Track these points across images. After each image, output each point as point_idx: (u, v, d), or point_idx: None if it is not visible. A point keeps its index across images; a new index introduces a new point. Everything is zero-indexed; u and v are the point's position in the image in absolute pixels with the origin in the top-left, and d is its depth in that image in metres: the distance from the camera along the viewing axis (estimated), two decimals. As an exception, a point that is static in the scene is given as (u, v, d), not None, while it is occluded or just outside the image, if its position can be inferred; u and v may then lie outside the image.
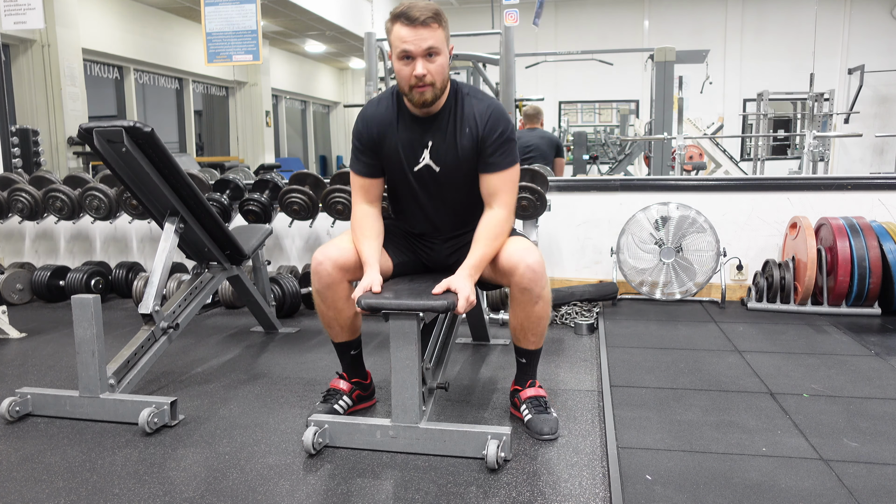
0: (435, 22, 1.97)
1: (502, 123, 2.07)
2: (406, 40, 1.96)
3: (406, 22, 1.96)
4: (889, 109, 12.04)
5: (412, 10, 1.95)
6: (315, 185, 3.88)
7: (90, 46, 7.63)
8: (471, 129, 2.07)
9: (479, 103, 2.09)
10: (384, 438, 1.96)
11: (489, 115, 2.07)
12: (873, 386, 2.49)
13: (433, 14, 1.97)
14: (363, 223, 2.14)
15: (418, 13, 1.95)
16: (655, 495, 1.71)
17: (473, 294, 1.96)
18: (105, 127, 2.35)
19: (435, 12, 1.98)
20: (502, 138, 2.07)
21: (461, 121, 2.08)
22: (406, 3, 1.98)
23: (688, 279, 3.91)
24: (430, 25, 1.96)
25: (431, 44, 1.96)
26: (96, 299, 2.23)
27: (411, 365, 1.91)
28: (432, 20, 1.96)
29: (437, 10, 1.98)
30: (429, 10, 1.96)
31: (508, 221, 2.10)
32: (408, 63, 1.98)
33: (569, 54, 9.04)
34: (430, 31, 1.96)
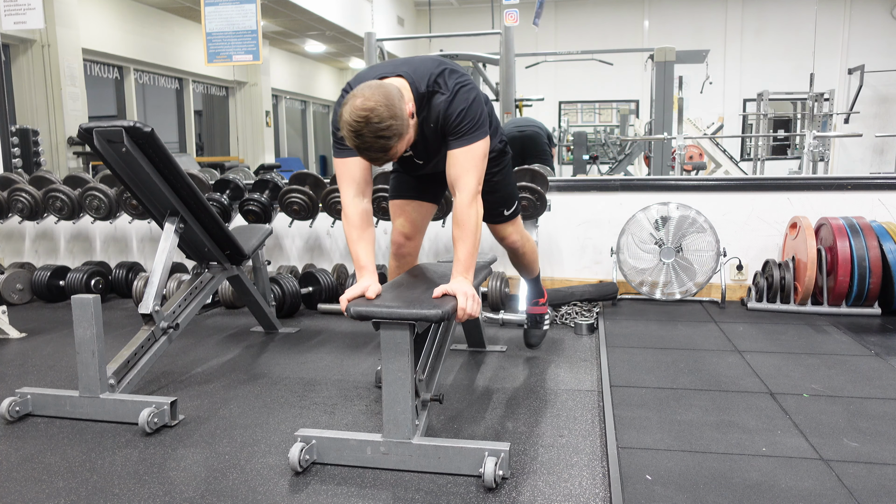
0: (392, 150, 1.86)
1: (461, 100, 2.02)
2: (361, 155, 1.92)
3: (366, 159, 1.91)
4: (889, 109, 12.04)
5: (370, 157, 1.87)
6: (315, 185, 3.88)
7: (90, 46, 7.63)
8: (435, 123, 2.05)
9: (440, 96, 2.02)
10: (375, 455, 1.88)
11: (451, 100, 2.01)
12: (873, 386, 2.49)
13: (386, 150, 1.85)
14: (357, 225, 2.09)
15: (377, 160, 1.89)
16: (655, 495, 1.71)
17: (476, 296, 1.93)
18: (105, 127, 2.35)
19: (387, 148, 1.84)
20: (462, 112, 2.01)
21: (434, 121, 2.05)
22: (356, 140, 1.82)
23: (688, 279, 3.91)
24: (389, 155, 1.88)
25: (396, 155, 1.91)
26: (96, 299, 2.23)
27: (403, 377, 1.83)
28: (389, 153, 1.87)
29: (387, 144, 1.83)
30: (382, 150, 1.84)
31: (473, 205, 2.03)
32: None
33: (569, 54, 9.04)
34: (390, 155, 1.88)
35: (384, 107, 1.79)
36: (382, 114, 1.79)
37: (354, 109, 1.79)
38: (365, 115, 1.78)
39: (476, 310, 1.93)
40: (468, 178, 2.03)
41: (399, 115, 1.83)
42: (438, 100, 2.03)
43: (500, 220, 2.57)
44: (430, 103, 2.03)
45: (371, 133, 1.79)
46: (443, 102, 2.02)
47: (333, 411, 2.34)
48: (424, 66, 2.06)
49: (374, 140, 1.81)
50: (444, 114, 2.02)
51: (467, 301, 1.90)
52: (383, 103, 1.80)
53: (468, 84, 2.06)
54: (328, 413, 2.32)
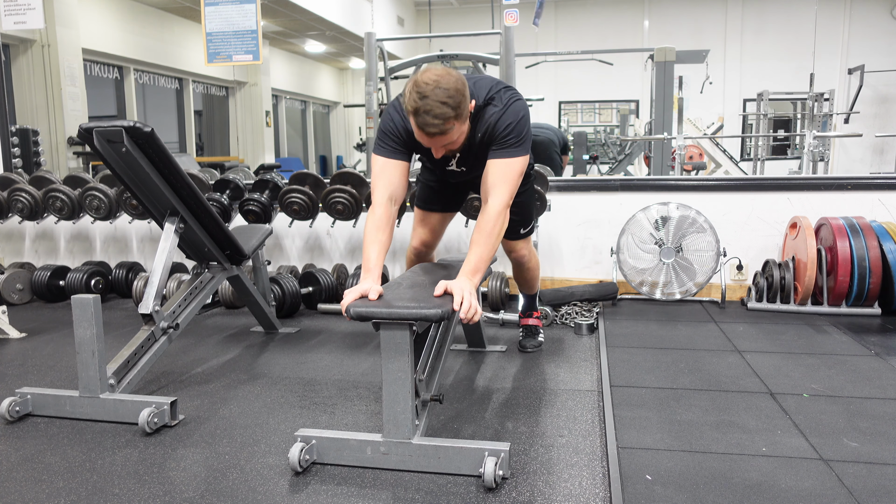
0: (450, 126, 1.95)
1: (512, 114, 2.12)
2: (421, 139, 2.02)
3: (421, 130, 1.97)
4: (889, 109, 12.04)
5: (425, 122, 1.92)
6: (315, 185, 3.88)
7: (90, 46, 7.63)
8: (482, 133, 2.16)
9: (494, 108, 2.13)
10: (375, 455, 1.88)
11: (503, 113, 2.12)
12: (873, 386, 2.49)
13: (448, 119, 1.93)
14: (380, 228, 2.10)
15: (432, 128, 1.93)
16: (655, 495, 1.71)
17: (474, 295, 1.92)
18: (105, 127, 2.35)
19: (451, 117, 1.93)
20: (511, 126, 2.11)
21: (482, 132, 2.15)
22: (419, 103, 1.90)
23: (688, 279, 3.91)
24: (445, 133, 1.96)
25: (446, 142, 2.01)
26: (96, 299, 2.23)
27: (403, 377, 1.83)
28: (447, 128, 1.95)
29: (452, 114, 1.93)
30: (444, 117, 1.92)
31: (502, 217, 2.09)
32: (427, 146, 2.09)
33: (569, 54, 9.04)
34: (447, 137, 1.97)
35: (455, 80, 1.91)
36: (452, 84, 1.89)
37: (426, 74, 1.91)
38: (436, 79, 1.89)
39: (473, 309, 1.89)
40: (503, 190, 2.10)
41: (465, 97, 1.94)
42: (491, 112, 2.13)
43: (516, 237, 2.70)
44: (482, 114, 2.14)
45: (437, 98, 1.87)
46: (495, 114, 2.12)
47: (333, 411, 2.34)
48: (483, 82, 2.18)
49: (436, 105, 1.87)
50: (494, 124, 2.12)
51: (463, 297, 1.87)
52: (455, 78, 1.92)
53: (520, 100, 2.17)
54: (328, 413, 2.32)
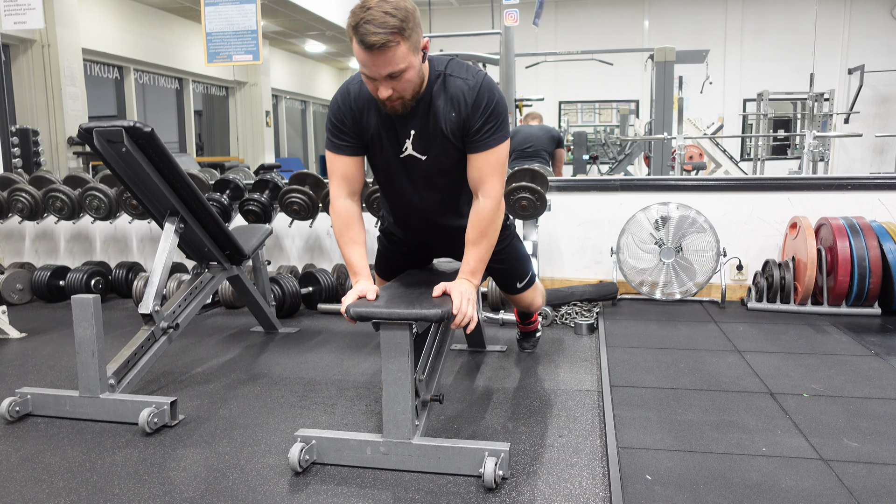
0: (394, 41, 1.69)
1: (487, 94, 1.88)
2: (364, 63, 1.74)
3: (361, 45, 1.70)
4: (889, 109, 12.04)
5: (367, 32, 1.67)
6: (315, 185, 3.88)
7: (90, 46, 7.63)
8: (457, 113, 1.90)
9: (463, 83, 1.89)
10: (375, 455, 1.88)
11: (476, 91, 1.88)
12: (873, 386, 2.49)
13: (392, 31, 1.68)
14: (349, 225, 2.02)
15: (374, 37, 1.67)
16: (655, 495, 1.71)
17: (473, 300, 1.90)
18: (105, 127, 2.35)
19: (395, 28, 1.68)
20: (488, 111, 1.88)
21: (447, 105, 1.89)
22: (362, 14, 1.68)
23: (688, 279, 3.91)
24: (389, 48, 1.69)
25: (392, 68, 1.73)
26: (96, 299, 2.23)
27: (403, 377, 1.83)
28: (391, 41, 1.68)
29: (397, 25, 1.68)
30: (387, 27, 1.67)
31: (497, 211, 1.96)
32: (370, 81, 1.80)
33: (569, 54, 9.04)
34: (390, 53, 1.70)
35: (405, 2, 1.73)
36: (400, 2, 1.71)
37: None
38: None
39: (472, 313, 1.88)
40: (493, 183, 1.94)
41: (416, 20, 1.74)
42: (458, 83, 1.89)
43: (514, 291, 2.54)
44: (447, 84, 1.89)
45: (381, 8, 1.67)
46: (468, 89, 1.88)
47: (333, 411, 2.34)
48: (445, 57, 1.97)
49: (380, 14, 1.66)
50: (471, 102, 1.88)
51: (462, 301, 1.85)
52: (405, 6, 1.72)
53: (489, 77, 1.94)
54: (328, 413, 2.32)
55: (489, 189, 1.94)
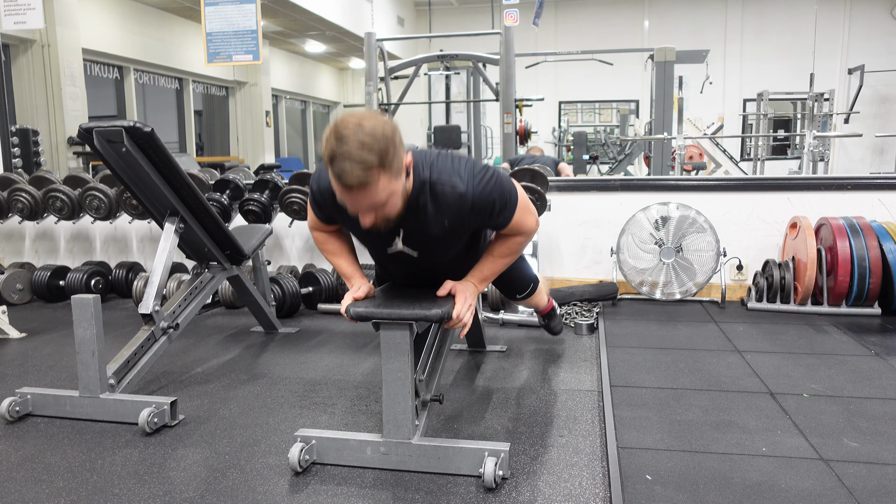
0: (374, 177, 1.54)
1: (479, 198, 1.74)
2: (342, 199, 1.62)
3: (337, 182, 1.57)
4: (889, 109, 12.04)
5: (343, 171, 1.53)
6: (315, 185, 3.87)
7: (90, 46, 7.63)
8: (449, 219, 1.77)
9: (451, 190, 1.72)
10: (375, 455, 1.88)
11: (466, 199, 1.73)
12: (873, 386, 2.49)
13: (370, 168, 1.52)
14: (329, 240, 2.01)
15: (351, 177, 1.53)
16: (655, 495, 1.71)
17: (473, 307, 1.89)
18: (105, 127, 2.35)
19: (373, 164, 1.52)
20: (487, 209, 1.77)
21: (436, 211, 1.76)
22: (336, 149, 1.52)
23: (688, 279, 3.91)
24: (368, 186, 1.55)
25: (372, 202, 1.59)
26: (96, 299, 2.23)
27: (403, 377, 1.83)
28: (370, 179, 1.54)
29: (374, 161, 1.52)
30: (364, 164, 1.51)
31: (527, 240, 1.96)
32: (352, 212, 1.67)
33: (569, 54, 9.04)
34: (370, 190, 1.56)
35: (382, 124, 1.56)
36: (379, 128, 1.54)
37: (346, 117, 1.56)
38: (359, 121, 1.54)
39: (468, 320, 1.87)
40: (527, 224, 1.90)
41: (396, 146, 1.56)
42: (445, 192, 1.73)
43: (515, 299, 2.55)
44: (432, 193, 1.74)
45: (357, 139, 1.51)
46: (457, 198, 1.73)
47: (333, 411, 2.34)
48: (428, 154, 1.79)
49: (357, 147, 1.51)
50: (462, 209, 1.75)
51: (463, 307, 1.84)
52: (383, 122, 1.57)
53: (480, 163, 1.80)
54: (328, 413, 2.32)
55: (527, 229, 1.91)
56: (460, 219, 1.78)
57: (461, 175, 1.73)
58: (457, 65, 7.42)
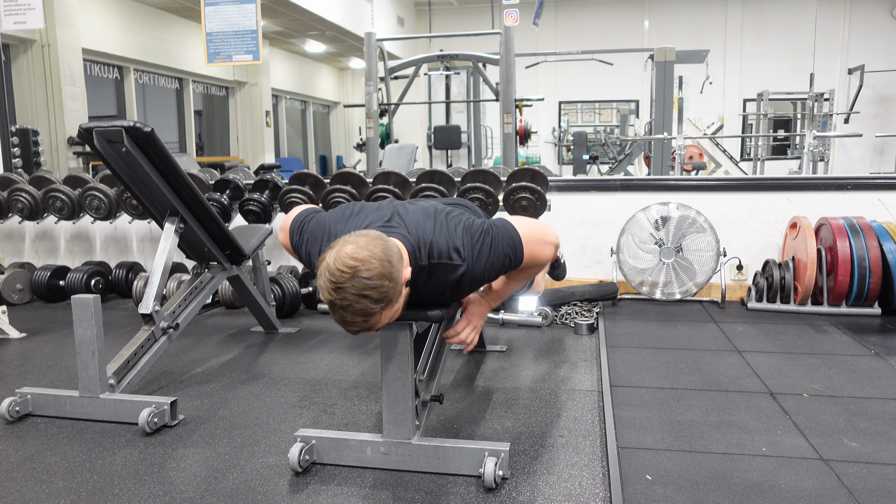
0: (374, 320, 1.54)
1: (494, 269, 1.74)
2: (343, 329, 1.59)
3: (340, 324, 1.56)
4: (889, 109, 12.05)
5: (344, 321, 1.53)
6: (315, 185, 3.88)
7: (90, 46, 7.63)
8: (452, 291, 1.77)
9: (450, 268, 1.70)
10: (375, 455, 1.88)
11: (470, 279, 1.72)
12: (873, 386, 2.49)
13: (369, 315, 1.51)
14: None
15: (353, 326, 1.54)
16: (655, 495, 1.71)
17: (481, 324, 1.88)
18: (105, 127, 2.35)
19: (371, 313, 1.51)
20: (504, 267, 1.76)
21: (436, 287, 1.75)
22: (335, 296, 1.49)
23: (688, 279, 3.91)
24: (371, 328, 1.56)
25: (372, 330, 1.59)
26: (96, 299, 2.23)
27: (403, 377, 1.83)
28: (369, 325, 1.54)
29: (376, 310, 1.51)
30: (366, 314, 1.51)
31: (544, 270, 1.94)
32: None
33: (569, 54, 9.05)
34: (370, 326, 1.56)
35: (379, 262, 1.49)
36: (375, 269, 1.48)
37: (342, 257, 1.48)
38: (354, 265, 1.46)
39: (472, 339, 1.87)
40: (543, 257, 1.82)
41: (395, 279, 1.52)
42: (445, 270, 1.71)
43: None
44: (431, 273, 1.72)
45: (355, 289, 1.47)
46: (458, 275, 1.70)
47: (333, 411, 2.34)
48: (423, 228, 1.70)
49: (356, 298, 1.47)
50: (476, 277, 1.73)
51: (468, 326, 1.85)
52: (379, 257, 1.49)
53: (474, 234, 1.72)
54: (328, 413, 2.32)
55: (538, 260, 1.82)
56: (460, 288, 1.76)
57: (459, 249, 1.69)
58: (457, 65, 7.42)
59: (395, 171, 3.76)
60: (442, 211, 1.78)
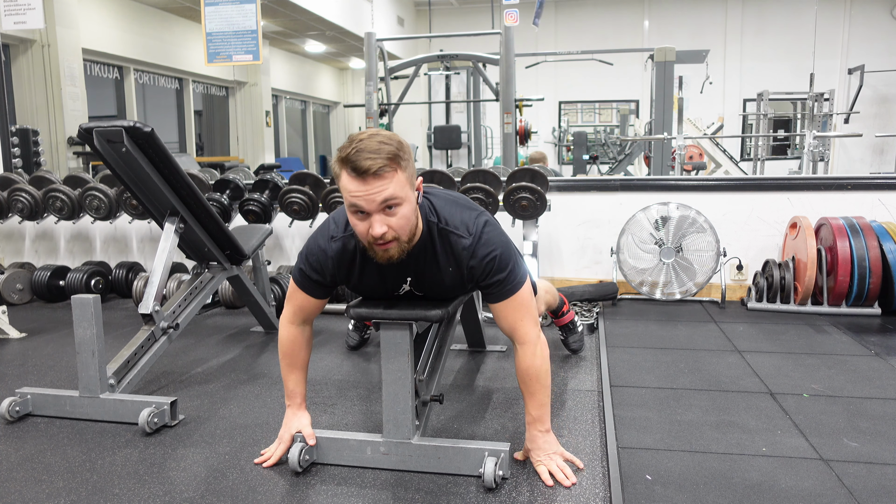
0: (391, 168, 1.56)
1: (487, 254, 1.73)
2: (355, 194, 1.57)
3: (354, 174, 1.55)
4: (889, 109, 12.04)
5: (360, 157, 1.54)
6: (315, 185, 3.88)
7: (90, 46, 7.62)
8: (456, 268, 1.78)
9: (460, 241, 1.74)
10: (375, 455, 1.88)
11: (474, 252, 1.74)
12: (873, 386, 2.49)
13: (388, 157, 1.55)
14: (294, 352, 1.94)
15: (368, 162, 1.53)
16: (655, 495, 1.71)
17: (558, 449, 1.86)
18: (105, 127, 2.35)
19: (390, 155, 1.55)
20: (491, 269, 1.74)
21: (445, 259, 1.77)
22: (354, 145, 1.56)
23: (688, 279, 3.91)
24: (384, 175, 1.55)
25: (388, 195, 1.56)
26: (96, 299, 2.23)
27: (403, 377, 1.83)
28: (387, 167, 1.55)
29: (393, 152, 1.56)
30: (382, 153, 1.54)
31: (538, 355, 1.82)
32: (362, 218, 1.61)
33: (569, 54, 9.04)
34: (385, 181, 1.55)
35: (398, 140, 1.61)
36: (394, 138, 1.60)
37: (363, 133, 1.60)
38: (374, 132, 1.60)
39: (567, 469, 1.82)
40: (525, 327, 1.81)
41: (408, 151, 1.61)
42: (454, 240, 1.74)
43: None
44: (442, 239, 1.75)
45: (374, 140, 1.56)
46: (465, 249, 1.73)
47: (333, 411, 2.34)
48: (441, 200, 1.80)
49: (375, 144, 1.55)
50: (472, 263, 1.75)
51: (552, 465, 1.81)
52: (398, 139, 1.61)
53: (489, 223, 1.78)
54: (328, 413, 2.32)
55: (523, 335, 1.81)
56: (465, 271, 1.77)
57: (468, 227, 1.75)
58: (457, 65, 7.42)
59: (395, 171, 3.76)
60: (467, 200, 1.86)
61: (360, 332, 3.09)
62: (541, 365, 1.82)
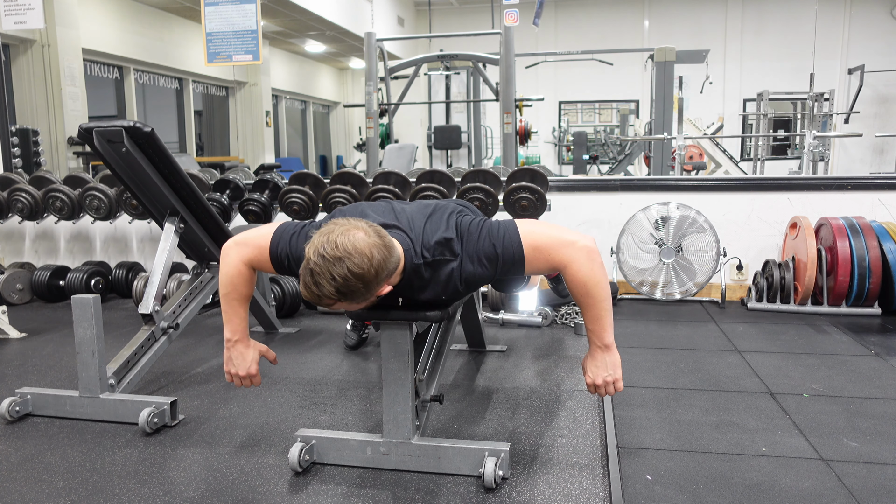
0: (335, 301, 1.51)
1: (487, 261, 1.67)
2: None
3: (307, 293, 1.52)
4: (889, 109, 12.04)
5: (310, 292, 1.49)
6: (315, 185, 3.88)
7: (90, 46, 7.62)
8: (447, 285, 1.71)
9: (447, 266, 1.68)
10: (375, 455, 1.88)
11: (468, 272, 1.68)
12: (873, 386, 2.49)
13: (336, 295, 1.49)
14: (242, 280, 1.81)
15: (315, 291, 1.48)
16: (655, 495, 1.71)
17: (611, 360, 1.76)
18: (105, 127, 2.35)
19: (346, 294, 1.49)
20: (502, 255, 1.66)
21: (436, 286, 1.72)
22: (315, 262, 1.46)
23: (688, 279, 3.91)
24: (331, 302, 1.52)
25: (345, 308, 1.58)
26: (96, 299, 2.23)
27: (403, 377, 1.83)
28: (333, 300, 1.51)
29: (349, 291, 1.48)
30: (328, 292, 1.48)
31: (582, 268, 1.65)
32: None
33: (569, 54, 9.04)
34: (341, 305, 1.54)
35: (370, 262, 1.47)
36: (365, 268, 1.46)
37: (333, 239, 1.45)
38: (340, 256, 1.45)
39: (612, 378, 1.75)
40: (558, 253, 1.65)
41: (377, 282, 1.51)
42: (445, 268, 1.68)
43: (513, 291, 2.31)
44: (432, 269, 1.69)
45: (335, 278, 1.45)
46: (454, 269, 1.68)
47: (333, 411, 2.34)
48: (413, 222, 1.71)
49: (329, 284, 1.46)
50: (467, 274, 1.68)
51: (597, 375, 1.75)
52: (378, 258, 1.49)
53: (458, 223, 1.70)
54: (328, 413, 2.32)
55: (559, 260, 1.66)
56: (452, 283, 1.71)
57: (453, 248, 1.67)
58: (457, 65, 7.42)
59: (395, 171, 3.77)
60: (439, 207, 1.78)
61: (358, 332, 3.10)
62: (586, 276, 1.64)
